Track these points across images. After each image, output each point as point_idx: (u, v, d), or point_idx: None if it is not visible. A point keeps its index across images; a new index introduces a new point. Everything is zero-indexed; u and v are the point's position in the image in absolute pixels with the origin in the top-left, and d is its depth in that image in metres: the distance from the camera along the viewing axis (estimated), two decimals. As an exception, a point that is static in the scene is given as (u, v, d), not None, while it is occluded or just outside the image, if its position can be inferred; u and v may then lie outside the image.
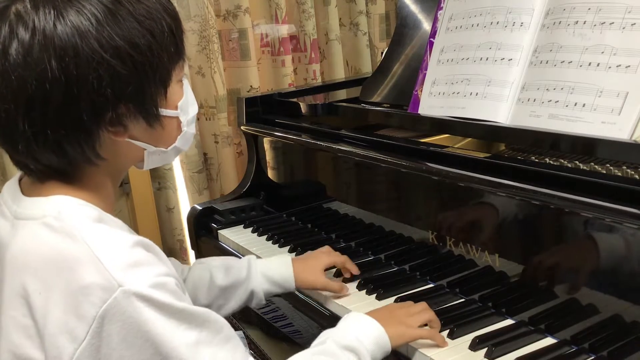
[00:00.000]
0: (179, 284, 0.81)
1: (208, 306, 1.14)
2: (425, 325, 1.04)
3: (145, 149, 0.87)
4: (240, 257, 1.50)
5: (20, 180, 0.89)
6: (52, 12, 0.75)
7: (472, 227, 1.15)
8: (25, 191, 0.85)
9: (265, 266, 1.20)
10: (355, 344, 0.93)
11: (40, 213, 0.80)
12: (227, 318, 1.27)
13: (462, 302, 1.16)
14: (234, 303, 1.18)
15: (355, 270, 1.25)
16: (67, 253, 0.76)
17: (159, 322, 0.75)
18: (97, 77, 0.76)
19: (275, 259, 1.24)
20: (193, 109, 0.93)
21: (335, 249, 1.42)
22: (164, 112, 0.86)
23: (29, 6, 0.76)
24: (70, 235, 0.77)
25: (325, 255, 1.25)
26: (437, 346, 1.02)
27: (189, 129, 0.92)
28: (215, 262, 1.22)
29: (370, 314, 1.02)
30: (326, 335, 0.96)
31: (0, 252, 0.82)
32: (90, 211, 0.81)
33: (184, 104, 0.90)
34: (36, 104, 0.76)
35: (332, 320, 1.19)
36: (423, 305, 1.08)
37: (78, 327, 0.74)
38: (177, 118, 0.89)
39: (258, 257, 1.45)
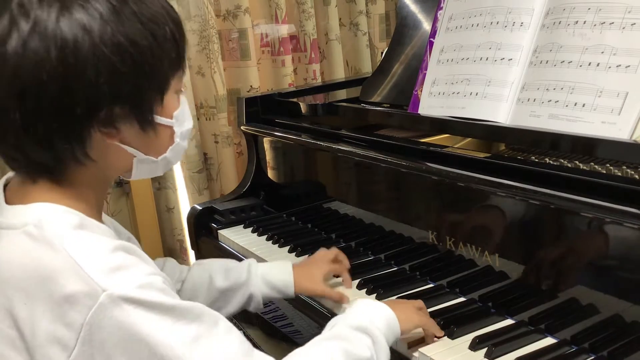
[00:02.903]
0: (166, 282, 0.80)
1: None
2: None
3: (135, 156, 0.85)
4: (240, 257, 1.51)
5: (5, 187, 0.87)
6: (56, 4, 0.75)
7: (472, 227, 1.15)
8: (9, 199, 0.84)
9: (265, 270, 1.20)
10: (367, 324, 0.92)
11: (21, 222, 0.78)
12: (228, 318, 1.27)
13: (462, 302, 1.16)
14: (233, 306, 1.17)
15: (348, 284, 1.24)
16: (48, 262, 0.75)
17: (151, 323, 0.74)
18: (95, 72, 0.75)
19: (276, 264, 1.23)
20: (188, 123, 0.91)
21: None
22: (159, 119, 0.84)
23: None
24: (50, 244, 0.75)
25: (326, 264, 1.23)
26: (437, 346, 1.02)
27: (182, 141, 0.90)
28: (215, 264, 1.21)
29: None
30: (336, 320, 0.95)
31: None
32: (71, 218, 0.79)
33: (180, 116, 0.88)
34: (30, 94, 0.75)
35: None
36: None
37: (67, 336, 0.73)
38: (171, 128, 0.87)
39: (258, 257, 1.45)
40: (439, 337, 1.04)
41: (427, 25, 1.51)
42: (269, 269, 1.20)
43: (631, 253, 0.90)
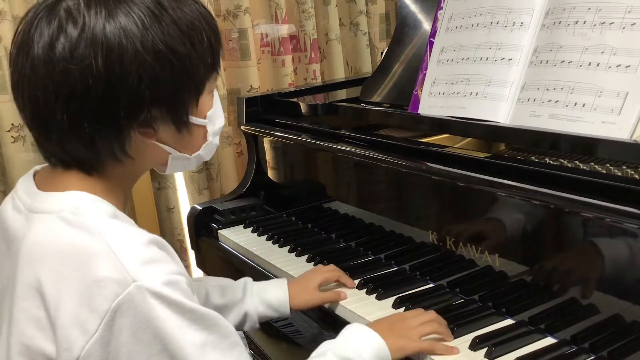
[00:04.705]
0: (189, 284, 0.82)
1: None
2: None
3: (170, 154, 0.89)
4: (240, 257, 1.51)
5: (34, 175, 0.90)
6: (103, 12, 0.78)
7: (472, 227, 1.15)
8: (40, 186, 0.86)
9: (261, 289, 1.20)
10: (355, 356, 0.93)
11: (56, 207, 0.81)
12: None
13: (462, 302, 1.16)
14: None
15: (350, 284, 1.24)
16: (84, 246, 0.77)
17: (170, 320, 0.76)
18: (138, 78, 0.79)
19: (272, 282, 1.23)
20: (220, 121, 0.94)
21: (335, 249, 1.43)
22: (194, 119, 0.88)
23: (81, 4, 0.79)
24: (87, 230, 0.78)
25: (318, 274, 1.24)
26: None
27: (214, 139, 0.94)
28: (211, 282, 1.22)
29: (372, 325, 1.01)
30: (326, 346, 0.96)
31: (15, 245, 0.83)
32: (105, 207, 0.83)
33: (213, 115, 0.91)
34: (76, 97, 0.78)
35: (332, 320, 1.19)
36: (430, 315, 1.06)
37: (90, 320, 0.75)
38: (204, 127, 0.91)
39: (258, 257, 1.45)
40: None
41: (427, 25, 1.51)
42: (265, 288, 1.21)
43: (631, 253, 0.90)
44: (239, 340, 0.85)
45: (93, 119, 0.79)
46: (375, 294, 1.20)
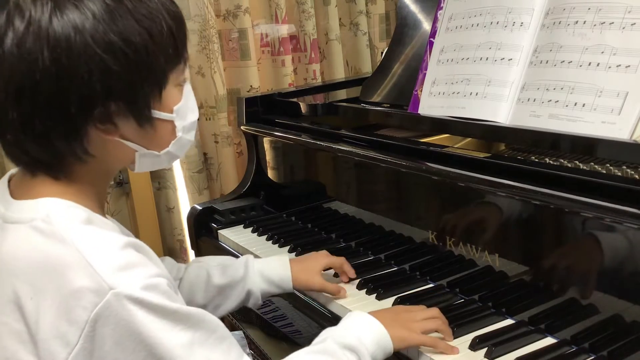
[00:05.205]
0: (170, 284, 0.80)
1: (205, 306, 1.14)
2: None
3: (136, 151, 0.85)
4: (239, 257, 1.51)
5: (9, 181, 0.88)
6: (49, 4, 0.76)
7: (472, 227, 1.15)
8: (14, 193, 0.84)
9: (263, 266, 1.20)
10: (356, 344, 0.92)
11: (28, 216, 0.79)
12: (228, 318, 1.26)
13: (462, 302, 1.16)
14: (231, 302, 1.17)
15: (352, 274, 1.24)
16: (57, 257, 0.75)
17: (152, 324, 0.75)
18: (88, 71, 0.76)
19: (273, 259, 1.23)
20: (192, 116, 0.90)
21: (335, 249, 1.43)
22: (157, 114, 0.84)
23: None
24: (59, 239, 0.76)
25: (322, 257, 1.25)
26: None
27: (186, 135, 0.89)
28: (212, 262, 1.21)
29: (374, 314, 1.00)
30: (327, 333, 0.95)
31: None
32: (79, 213, 0.80)
33: (182, 109, 0.87)
34: (26, 94, 0.76)
35: (332, 320, 1.19)
36: (432, 312, 1.05)
37: (70, 332, 0.74)
38: (171, 122, 0.86)
39: (258, 257, 1.45)
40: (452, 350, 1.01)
41: (427, 25, 1.51)
42: (266, 264, 1.20)
43: (631, 253, 0.90)
44: (227, 333, 0.84)
45: (44, 116, 0.77)
46: (375, 294, 1.20)
